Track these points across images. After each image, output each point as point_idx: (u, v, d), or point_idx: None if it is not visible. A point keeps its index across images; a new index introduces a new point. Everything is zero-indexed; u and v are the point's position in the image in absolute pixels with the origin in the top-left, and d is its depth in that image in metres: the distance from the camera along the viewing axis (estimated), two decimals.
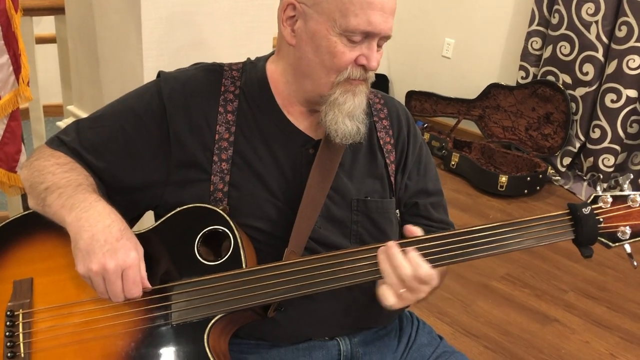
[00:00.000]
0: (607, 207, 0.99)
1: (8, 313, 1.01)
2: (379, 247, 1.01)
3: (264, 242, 1.09)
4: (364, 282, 1.01)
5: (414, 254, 0.97)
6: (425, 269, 0.97)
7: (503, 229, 1.01)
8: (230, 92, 1.14)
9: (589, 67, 3.38)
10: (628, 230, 0.99)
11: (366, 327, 1.20)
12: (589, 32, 3.33)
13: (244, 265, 1.01)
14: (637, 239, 0.99)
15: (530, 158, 3.62)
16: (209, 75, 1.16)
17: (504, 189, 3.42)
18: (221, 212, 1.04)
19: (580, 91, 3.46)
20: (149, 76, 1.69)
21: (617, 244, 1.00)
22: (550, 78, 3.58)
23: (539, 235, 1.00)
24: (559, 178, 3.65)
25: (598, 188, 1.02)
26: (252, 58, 1.22)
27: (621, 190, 1.01)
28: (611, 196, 1.00)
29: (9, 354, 0.99)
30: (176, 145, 1.10)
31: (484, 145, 3.84)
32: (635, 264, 1.00)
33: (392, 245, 0.99)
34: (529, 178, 3.44)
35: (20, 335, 1.00)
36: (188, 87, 1.14)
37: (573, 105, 3.51)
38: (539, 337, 2.34)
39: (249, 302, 1.00)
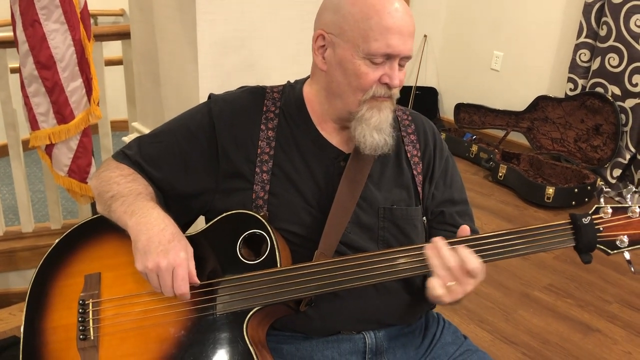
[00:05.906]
0: (608, 217, 1.07)
1: (80, 302, 1.18)
2: (401, 250, 1.12)
3: (299, 244, 1.22)
4: (385, 282, 1.12)
5: (463, 248, 1.08)
6: (474, 261, 1.06)
7: (511, 235, 1.10)
8: (271, 112, 1.28)
9: (638, 79, 3.36)
10: (626, 239, 1.06)
11: (390, 324, 1.30)
12: (637, 43, 3.32)
13: (279, 265, 1.15)
14: (635, 246, 1.06)
15: (579, 170, 3.61)
16: (252, 97, 1.31)
17: (550, 200, 3.42)
18: (260, 217, 1.18)
19: (630, 102, 3.44)
20: (204, 96, 1.83)
21: (615, 251, 1.07)
22: (599, 90, 3.58)
23: (543, 241, 1.09)
24: (609, 190, 3.61)
25: (602, 200, 1.10)
26: (292, 81, 1.36)
27: (624, 201, 1.08)
28: (611, 207, 1.08)
29: (81, 337, 1.16)
30: (224, 158, 1.25)
31: (533, 157, 3.85)
32: (633, 269, 1.07)
33: (439, 240, 1.09)
34: (576, 190, 3.42)
35: (91, 321, 1.17)
36: (234, 107, 1.28)
37: (623, 116, 3.49)
38: (580, 347, 2.35)
39: (283, 296, 1.13)
